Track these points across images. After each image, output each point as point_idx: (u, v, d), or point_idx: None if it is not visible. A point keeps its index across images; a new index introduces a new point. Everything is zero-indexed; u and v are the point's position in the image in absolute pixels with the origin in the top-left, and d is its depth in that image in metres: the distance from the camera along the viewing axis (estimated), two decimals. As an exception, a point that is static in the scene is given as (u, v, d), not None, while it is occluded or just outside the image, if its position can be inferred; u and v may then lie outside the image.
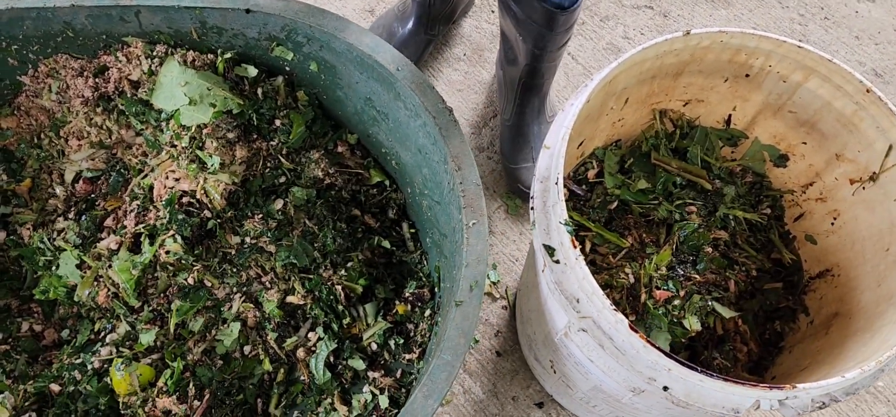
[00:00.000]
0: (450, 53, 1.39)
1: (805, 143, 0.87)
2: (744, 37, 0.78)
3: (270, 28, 0.99)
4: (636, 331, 0.62)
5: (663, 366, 0.62)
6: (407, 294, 1.08)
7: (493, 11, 1.45)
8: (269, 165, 1.06)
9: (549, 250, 0.70)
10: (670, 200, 0.89)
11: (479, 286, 0.81)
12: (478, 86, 1.36)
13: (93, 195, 1.10)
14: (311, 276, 1.05)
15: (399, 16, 1.33)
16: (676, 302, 0.84)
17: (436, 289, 1.07)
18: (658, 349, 0.61)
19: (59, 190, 1.09)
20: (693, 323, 0.83)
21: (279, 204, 1.05)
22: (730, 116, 0.91)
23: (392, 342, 1.06)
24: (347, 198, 1.11)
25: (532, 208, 0.73)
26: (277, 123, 1.05)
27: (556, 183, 0.68)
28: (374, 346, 1.06)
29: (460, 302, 0.80)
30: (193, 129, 1.00)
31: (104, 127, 1.07)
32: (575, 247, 0.65)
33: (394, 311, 1.08)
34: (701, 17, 1.47)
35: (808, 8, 1.50)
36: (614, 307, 0.62)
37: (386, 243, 1.11)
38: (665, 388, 0.64)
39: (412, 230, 1.14)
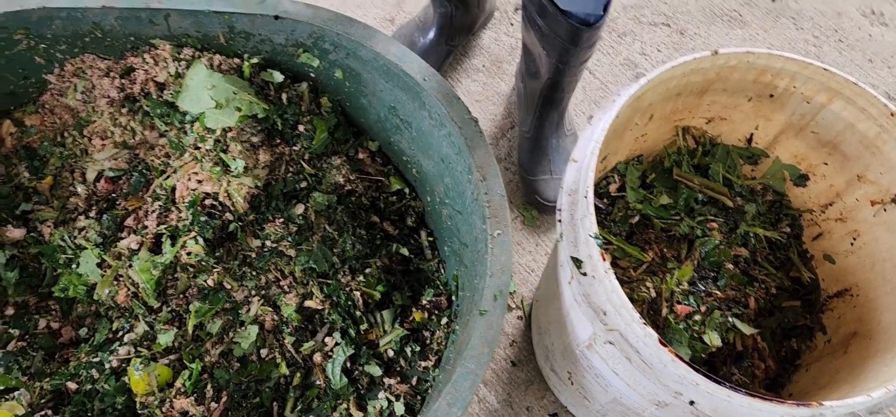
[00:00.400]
0: (469, 64, 1.41)
1: (826, 163, 0.88)
2: (770, 58, 0.79)
3: (298, 35, 1.00)
4: (665, 345, 0.62)
5: (691, 381, 0.63)
6: (424, 302, 1.09)
7: (512, 24, 1.47)
8: (291, 169, 1.07)
9: (577, 263, 0.71)
10: (692, 216, 0.90)
11: (502, 295, 0.81)
12: (496, 97, 1.37)
13: (113, 195, 1.11)
14: (330, 281, 1.06)
15: (420, 26, 1.34)
16: (697, 317, 0.85)
17: (453, 298, 1.08)
18: (687, 363, 0.61)
19: (80, 188, 1.10)
20: (713, 339, 0.84)
21: (300, 209, 1.06)
22: (751, 134, 0.92)
23: (408, 350, 1.06)
24: (367, 204, 1.12)
25: (559, 221, 0.74)
26: (301, 128, 1.06)
27: (586, 196, 0.69)
28: (391, 353, 1.06)
29: (484, 311, 0.80)
30: (218, 132, 1.01)
31: (128, 127, 1.08)
32: (604, 260, 0.66)
33: (410, 318, 1.09)
34: (717, 36, 1.48)
35: (822, 30, 1.52)
36: (643, 320, 0.63)
37: (404, 251, 1.12)
38: (691, 402, 0.65)
39: (430, 239, 1.15)
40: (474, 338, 0.79)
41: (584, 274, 0.70)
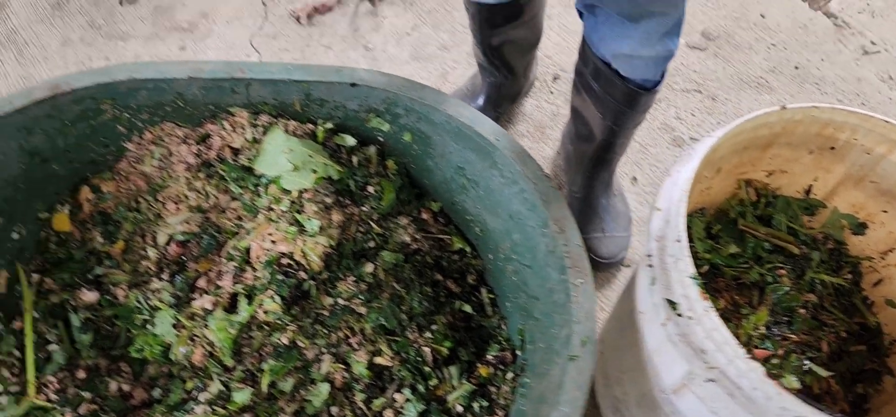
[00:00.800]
0: (513, 130, 1.47)
1: (885, 211, 0.92)
2: (833, 112, 0.85)
3: (371, 101, 1.06)
4: (771, 378, 0.65)
5: (797, 413, 0.65)
6: (489, 357, 1.11)
7: (552, 92, 1.54)
8: (360, 229, 1.11)
9: (672, 304, 0.74)
10: (760, 263, 0.94)
11: (590, 341, 0.84)
12: (541, 161, 1.43)
13: (183, 257, 1.14)
14: (399, 338, 1.08)
15: (468, 94, 1.41)
16: (775, 361, 0.87)
17: (518, 352, 1.10)
18: (795, 395, 0.64)
19: (151, 252, 1.13)
20: (791, 382, 0.86)
21: (370, 267, 1.09)
22: (810, 186, 0.97)
23: (476, 405, 1.07)
24: (431, 263, 1.15)
25: (650, 266, 0.78)
26: (370, 189, 1.10)
27: (679, 240, 0.73)
28: (459, 408, 1.07)
29: (574, 357, 0.83)
30: (295, 193, 1.05)
31: (202, 191, 1.12)
32: (705, 299, 0.69)
33: (476, 373, 1.10)
34: (747, 100, 1.56)
35: (844, 94, 1.60)
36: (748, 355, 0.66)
37: (467, 308, 1.14)
38: (796, 436, 0.67)
39: (490, 296, 1.18)
40: (567, 383, 0.81)
41: (680, 315, 0.73)
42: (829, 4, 1.82)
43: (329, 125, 1.09)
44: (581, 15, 1.06)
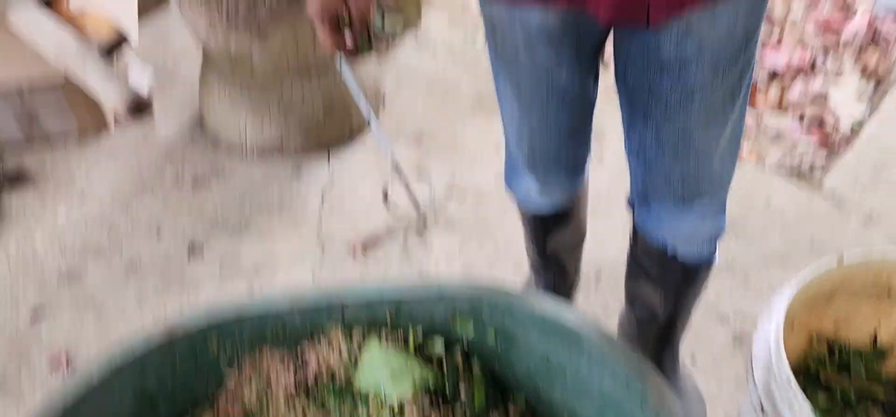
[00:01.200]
0: (569, 326, 1.55)
1: (951, 347, 1.00)
2: (884, 261, 0.96)
3: (457, 305, 1.16)
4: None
5: None
6: None
7: (596, 289, 1.65)
8: (456, 431, 1.14)
9: (797, 447, 0.78)
10: (853, 411, 0.99)
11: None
12: (602, 352, 1.50)
13: (281, 486, 1.15)
14: None
15: (526, 297, 1.52)
16: (895, 503, 0.89)
17: None
18: None
19: (249, 485, 1.14)
20: None
21: (473, 469, 1.11)
22: (876, 334, 1.05)
23: None
24: (527, 459, 1.17)
25: (763, 412, 0.83)
26: (462, 391, 1.16)
27: (790, 384, 0.79)
28: None
29: None
30: (396, 403, 1.11)
31: (301, 414, 1.16)
32: (829, 433, 0.74)
33: None
34: (775, 273, 1.68)
35: (862, 258, 1.73)
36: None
37: (572, 499, 1.14)
38: None
39: (585, 484, 1.18)
40: None
41: (808, 455, 0.77)
42: (823, 186, 2.03)
43: (419, 333, 1.17)
44: (631, 207, 1.20)
